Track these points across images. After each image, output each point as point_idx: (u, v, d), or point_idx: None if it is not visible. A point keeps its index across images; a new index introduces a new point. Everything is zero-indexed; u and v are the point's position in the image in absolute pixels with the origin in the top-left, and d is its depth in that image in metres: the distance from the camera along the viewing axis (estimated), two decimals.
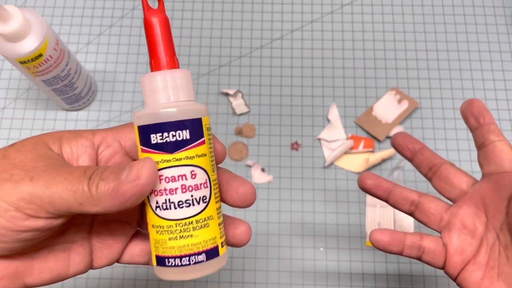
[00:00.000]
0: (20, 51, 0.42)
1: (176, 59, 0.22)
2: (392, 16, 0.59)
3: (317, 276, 0.49)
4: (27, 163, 0.21)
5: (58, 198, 0.20)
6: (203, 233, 0.21)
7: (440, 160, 0.34)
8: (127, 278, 0.49)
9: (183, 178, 0.21)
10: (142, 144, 0.21)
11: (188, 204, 0.21)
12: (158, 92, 0.21)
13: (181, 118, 0.21)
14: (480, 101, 0.32)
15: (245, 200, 0.24)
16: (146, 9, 0.21)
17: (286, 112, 0.55)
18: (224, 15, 0.59)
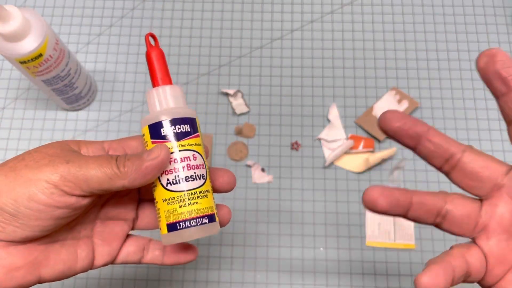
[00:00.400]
0: (20, 51, 0.42)
1: (171, 79, 0.29)
2: (392, 16, 0.59)
3: (317, 276, 0.49)
4: (60, 153, 0.25)
5: (92, 175, 0.25)
6: (204, 202, 0.27)
7: (458, 147, 0.25)
8: (127, 278, 0.49)
9: (187, 159, 0.27)
10: (153, 137, 0.27)
11: (193, 178, 0.27)
12: (163, 101, 0.28)
13: (184, 115, 0.27)
14: (504, 52, 0.23)
15: (229, 183, 0.30)
16: (148, 45, 0.28)
17: (286, 112, 0.55)
18: (224, 15, 0.59)
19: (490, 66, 0.23)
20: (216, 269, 0.49)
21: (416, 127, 0.25)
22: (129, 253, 0.30)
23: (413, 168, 0.53)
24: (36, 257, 0.26)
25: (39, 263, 0.26)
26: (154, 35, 0.29)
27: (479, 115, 0.55)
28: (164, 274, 0.49)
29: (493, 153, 0.53)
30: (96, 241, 0.29)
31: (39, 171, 0.24)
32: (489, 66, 0.23)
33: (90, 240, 0.29)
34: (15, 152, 0.53)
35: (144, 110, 0.55)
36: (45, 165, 0.24)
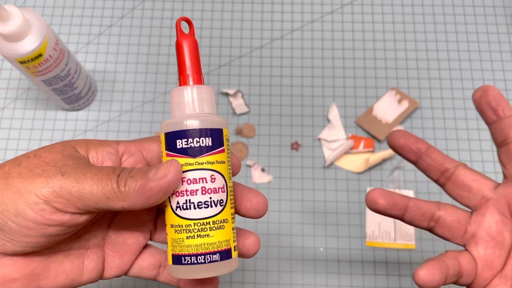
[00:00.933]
0: (19, 51, 0.42)
1: (202, 77, 0.24)
2: (392, 16, 0.59)
3: (317, 276, 0.49)
4: (58, 161, 0.22)
5: (87, 192, 0.21)
6: (218, 234, 0.23)
7: (452, 163, 0.29)
8: (126, 278, 0.49)
9: (203, 181, 0.23)
10: (167, 149, 0.23)
11: (207, 205, 0.23)
12: (185, 104, 0.24)
13: (205, 126, 0.23)
14: (496, 88, 0.27)
15: (258, 210, 0.25)
16: (179, 33, 0.24)
17: (286, 112, 0.55)
18: (224, 15, 0.59)
19: (483, 98, 0.28)
20: None
21: (418, 144, 0.29)
22: (143, 268, 0.27)
23: (413, 168, 0.53)
24: (34, 268, 0.23)
25: (38, 275, 0.23)
26: (190, 20, 0.24)
27: (479, 115, 0.55)
28: None
29: (493, 153, 0.53)
30: (107, 252, 0.26)
31: (30, 182, 0.21)
32: (482, 98, 0.28)
33: (100, 250, 0.26)
34: (14, 152, 0.53)
35: (144, 110, 0.55)
36: (37, 176, 0.21)
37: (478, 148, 0.53)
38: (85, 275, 0.25)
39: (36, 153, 0.23)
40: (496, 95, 0.27)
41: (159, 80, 0.56)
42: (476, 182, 0.28)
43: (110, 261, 0.26)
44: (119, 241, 0.26)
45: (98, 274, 0.25)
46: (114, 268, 0.26)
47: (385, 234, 0.50)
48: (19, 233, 0.21)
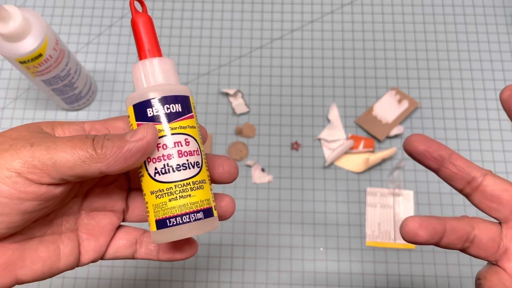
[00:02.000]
0: (19, 51, 0.42)
1: (160, 51, 0.25)
2: (392, 16, 0.59)
3: (317, 276, 0.49)
4: (25, 136, 0.22)
5: (61, 159, 0.21)
6: (199, 194, 0.24)
7: (480, 171, 0.26)
8: (126, 278, 0.49)
9: (179, 145, 0.23)
10: (138, 119, 0.23)
11: (185, 167, 0.23)
12: (149, 76, 0.24)
13: (174, 93, 0.24)
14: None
15: (230, 173, 0.26)
16: (134, 12, 0.24)
17: (286, 112, 0.55)
18: (224, 15, 0.59)
19: (414, 153, 0.26)
20: (216, 269, 0.49)
21: (440, 150, 0.26)
22: (119, 247, 0.26)
23: (413, 168, 0.53)
24: (8, 257, 0.22)
25: (13, 263, 0.22)
26: (142, 0, 0.25)
27: (479, 115, 0.55)
28: (164, 274, 0.49)
29: (493, 153, 0.53)
30: (81, 235, 0.25)
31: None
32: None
33: (74, 234, 0.25)
34: None
35: None
36: (5, 150, 0.21)
37: (478, 148, 0.53)
38: (62, 260, 0.24)
39: (1, 133, 0.22)
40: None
41: None
42: (506, 192, 0.26)
43: (86, 245, 0.25)
44: (92, 223, 0.26)
45: (75, 259, 0.25)
46: (91, 251, 0.25)
47: (385, 234, 0.50)
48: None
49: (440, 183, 0.52)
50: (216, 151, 0.53)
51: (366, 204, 0.51)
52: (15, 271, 0.22)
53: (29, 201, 0.21)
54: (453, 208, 0.51)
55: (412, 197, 0.51)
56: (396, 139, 0.54)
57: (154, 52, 0.24)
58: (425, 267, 0.49)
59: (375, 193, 0.52)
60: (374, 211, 0.51)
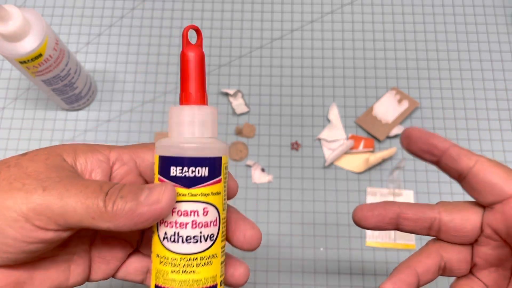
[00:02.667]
0: (19, 51, 0.42)
1: (206, 95, 0.22)
2: (392, 16, 0.59)
3: (317, 276, 0.49)
4: (41, 173, 0.21)
5: (71, 210, 0.20)
6: (205, 271, 0.22)
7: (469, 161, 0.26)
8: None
9: (195, 214, 0.21)
10: (160, 173, 0.22)
11: (196, 240, 0.21)
12: (185, 126, 0.22)
13: (203, 155, 0.21)
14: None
15: (251, 244, 0.24)
16: (185, 43, 0.22)
17: (286, 112, 0.55)
18: (224, 15, 0.59)
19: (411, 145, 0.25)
20: None
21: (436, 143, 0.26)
22: (128, 273, 0.26)
23: (413, 168, 0.53)
24: (18, 277, 0.22)
25: (22, 283, 0.22)
26: (198, 29, 0.22)
27: (479, 115, 0.55)
28: None
29: (493, 153, 0.53)
30: (94, 257, 0.25)
31: (9, 196, 0.20)
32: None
33: (87, 255, 0.25)
34: (14, 152, 0.53)
35: (144, 110, 0.55)
36: (17, 190, 0.20)
37: (478, 148, 0.53)
38: (72, 279, 0.24)
39: (17, 162, 0.21)
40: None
41: (159, 80, 0.56)
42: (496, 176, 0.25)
43: (97, 267, 0.25)
44: (106, 248, 0.25)
45: (85, 278, 0.24)
46: (100, 273, 0.25)
47: (385, 234, 0.50)
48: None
49: (440, 183, 0.52)
50: None
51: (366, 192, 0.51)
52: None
53: (35, 244, 0.20)
54: None
55: (412, 197, 0.51)
56: (396, 139, 0.54)
57: (198, 98, 0.22)
58: None
59: (375, 193, 0.52)
60: (373, 200, 0.51)
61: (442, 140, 0.25)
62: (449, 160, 0.25)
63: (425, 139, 0.25)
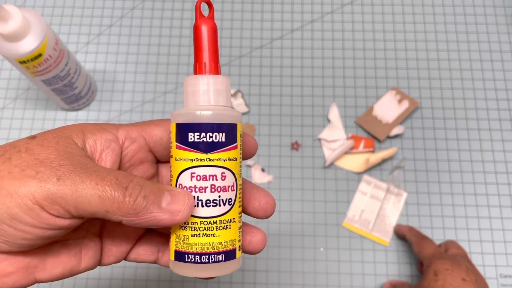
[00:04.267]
0: (19, 51, 0.42)
1: (219, 66, 0.23)
2: (392, 16, 0.59)
3: (317, 276, 0.49)
4: (53, 160, 0.20)
5: (85, 202, 0.20)
6: (225, 234, 0.22)
7: None
8: (127, 279, 0.49)
9: (213, 178, 0.22)
10: (178, 141, 0.22)
11: (215, 203, 0.22)
12: (200, 95, 0.22)
13: (220, 121, 0.22)
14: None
15: (266, 210, 0.24)
16: (198, 15, 0.22)
17: (286, 112, 0.55)
18: (224, 15, 0.59)
19: None
20: None
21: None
22: (140, 254, 0.26)
23: (413, 168, 0.53)
24: (29, 262, 0.22)
25: (34, 267, 0.22)
26: (210, 2, 0.23)
27: (479, 115, 0.55)
28: (164, 274, 0.49)
29: (493, 153, 0.53)
30: (105, 240, 0.25)
31: (23, 184, 0.19)
32: None
33: (98, 238, 0.25)
34: None
35: (144, 110, 0.55)
36: (30, 178, 0.20)
37: (478, 148, 0.53)
38: (83, 263, 0.24)
39: (27, 146, 0.21)
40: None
41: (159, 80, 0.56)
42: None
43: (108, 249, 0.25)
44: (117, 230, 0.25)
45: (96, 262, 0.24)
46: (112, 256, 0.25)
47: (365, 222, 0.50)
48: (16, 236, 0.20)
49: (440, 183, 0.52)
50: None
51: (357, 189, 0.51)
52: (34, 274, 0.22)
53: (52, 230, 0.20)
54: (453, 208, 0.51)
55: (404, 199, 0.51)
56: (396, 139, 0.54)
57: (212, 68, 0.22)
58: None
59: (370, 182, 0.52)
60: (362, 198, 0.51)
61: None
62: None
63: None
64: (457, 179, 0.52)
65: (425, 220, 0.51)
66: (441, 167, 0.53)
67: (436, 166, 0.53)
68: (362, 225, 0.50)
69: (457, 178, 0.52)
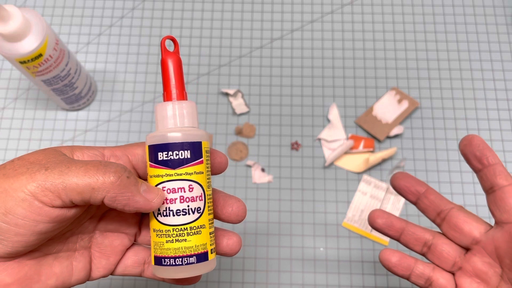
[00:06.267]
0: (20, 51, 0.42)
1: (185, 92, 0.26)
2: (392, 16, 0.59)
3: (317, 276, 0.49)
4: (42, 159, 0.23)
5: (72, 183, 0.22)
6: (195, 239, 0.25)
7: (448, 205, 0.31)
8: (127, 278, 0.49)
9: (182, 191, 0.25)
10: (151, 160, 0.25)
11: (185, 212, 0.25)
12: (168, 119, 0.25)
13: (184, 140, 0.25)
14: (479, 138, 0.30)
15: (238, 215, 0.27)
16: (163, 50, 0.25)
17: (286, 112, 0.55)
18: (224, 15, 0.59)
19: (467, 148, 0.29)
20: (216, 269, 0.49)
21: (417, 186, 0.32)
22: (127, 266, 0.28)
23: (413, 168, 0.53)
24: (26, 273, 0.23)
25: (30, 278, 0.23)
26: (174, 39, 0.26)
27: (479, 115, 0.55)
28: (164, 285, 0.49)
29: None
30: (94, 253, 0.27)
31: (16, 180, 0.22)
32: (467, 148, 0.30)
33: (87, 252, 0.27)
34: (15, 152, 0.53)
35: (144, 110, 0.55)
36: (21, 174, 0.22)
37: None
38: (74, 276, 0.25)
39: (20, 157, 0.23)
40: (480, 144, 0.29)
41: (159, 80, 0.56)
42: (467, 224, 0.30)
43: (97, 262, 0.27)
44: (105, 243, 0.27)
45: (86, 275, 0.26)
46: (101, 268, 0.27)
47: (364, 222, 0.50)
48: (10, 232, 0.21)
49: (440, 183, 0.52)
50: None
51: (357, 189, 0.51)
52: (30, 286, 0.23)
53: (44, 223, 0.22)
54: None
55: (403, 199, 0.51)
56: (396, 139, 0.54)
57: (178, 95, 0.25)
58: None
59: (369, 182, 0.52)
60: (362, 198, 0.51)
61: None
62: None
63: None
64: (457, 179, 0.52)
65: (425, 220, 0.51)
66: (440, 167, 0.53)
67: (436, 166, 0.53)
68: (362, 225, 0.50)
69: (457, 178, 0.52)
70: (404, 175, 0.32)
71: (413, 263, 0.31)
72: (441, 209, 0.31)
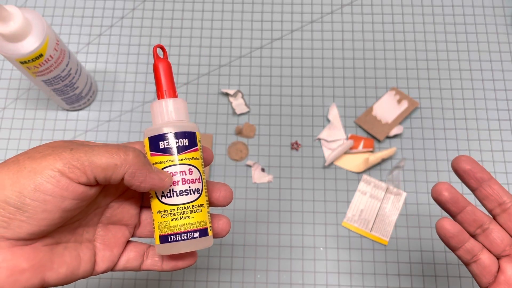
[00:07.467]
0: (20, 51, 0.42)
1: (176, 91, 0.29)
2: (392, 16, 0.59)
3: (317, 276, 0.49)
4: (63, 144, 0.25)
5: (97, 160, 0.24)
6: (197, 216, 0.28)
7: (511, 197, 0.32)
8: (127, 278, 0.49)
9: (183, 173, 0.28)
10: (152, 150, 0.28)
11: (187, 193, 0.28)
12: (164, 114, 0.28)
13: (183, 130, 0.28)
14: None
15: (225, 197, 0.30)
16: (156, 57, 0.29)
17: (286, 112, 0.55)
18: (224, 15, 0.60)
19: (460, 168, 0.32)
20: (216, 268, 0.49)
21: (482, 173, 0.32)
22: (130, 259, 0.30)
23: (413, 168, 0.53)
24: (40, 259, 0.24)
25: (44, 265, 0.24)
26: (163, 47, 0.29)
27: (478, 115, 0.55)
28: (164, 274, 0.49)
29: (493, 153, 0.53)
30: (98, 245, 0.29)
31: (43, 160, 0.23)
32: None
33: (92, 244, 0.28)
34: (15, 152, 0.54)
35: (145, 110, 0.55)
36: (48, 155, 0.24)
37: (478, 148, 0.53)
38: (82, 266, 0.27)
39: (40, 145, 0.25)
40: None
41: None
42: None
43: (101, 254, 0.28)
44: (109, 235, 0.29)
45: (92, 267, 0.28)
46: (105, 261, 0.28)
47: (364, 221, 0.50)
48: (38, 209, 0.23)
49: None
50: (216, 151, 0.53)
51: (357, 189, 0.51)
52: (44, 273, 0.25)
53: (69, 200, 0.24)
54: None
55: (403, 199, 0.51)
56: (396, 139, 0.54)
57: (170, 94, 0.29)
58: (424, 266, 0.49)
59: (369, 181, 0.52)
60: (361, 198, 0.51)
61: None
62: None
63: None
64: (456, 179, 0.52)
65: (425, 220, 0.51)
66: (440, 167, 0.53)
67: (436, 166, 0.53)
68: (361, 225, 0.50)
69: (456, 178, 0.52)
70: (470, 159, 0.32)
71: (467, 238, 0.32)
72: (503, 200, 0.32)
